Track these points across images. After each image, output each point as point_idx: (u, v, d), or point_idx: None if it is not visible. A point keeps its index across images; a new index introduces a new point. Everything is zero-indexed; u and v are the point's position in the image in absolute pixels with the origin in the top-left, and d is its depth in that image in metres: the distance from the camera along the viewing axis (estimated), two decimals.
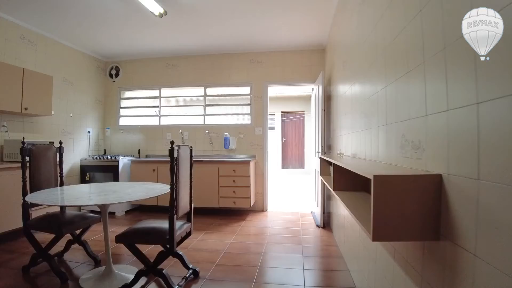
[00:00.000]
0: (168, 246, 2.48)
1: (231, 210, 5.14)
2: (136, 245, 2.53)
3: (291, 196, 7.06)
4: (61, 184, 3.33)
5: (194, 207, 2.97)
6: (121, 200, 2.30)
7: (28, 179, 2.92)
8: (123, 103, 6.35)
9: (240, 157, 5.48)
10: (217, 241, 3.76)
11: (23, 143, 2.92)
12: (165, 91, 6.14)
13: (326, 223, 4.44)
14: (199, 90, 5.96)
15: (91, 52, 5.82)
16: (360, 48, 2.49)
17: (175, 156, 2.43)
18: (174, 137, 5.86)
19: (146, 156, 5.99)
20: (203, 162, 5.07)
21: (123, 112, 6.34)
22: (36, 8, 4.00)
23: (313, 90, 7.36)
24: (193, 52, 5.77)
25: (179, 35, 4.94)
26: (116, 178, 5.29)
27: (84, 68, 5.75)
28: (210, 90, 5.92)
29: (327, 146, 4.44)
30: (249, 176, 4.90)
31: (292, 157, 11.90)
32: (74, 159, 5.47)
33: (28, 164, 2.95)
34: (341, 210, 3.47)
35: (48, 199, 2.37)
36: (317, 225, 4.43)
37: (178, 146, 2.51)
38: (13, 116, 4.27)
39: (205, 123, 5.88)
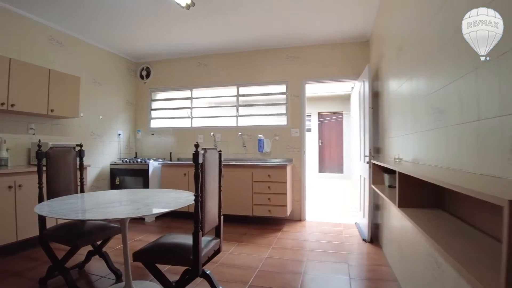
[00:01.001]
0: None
1: (265, 219, 4.71)
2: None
3: (331, 204, 6.51)
4: (82, 191, 3.08)
5: (225, 215, 2.59)
6: (136, 215, 1.95)
7: (45, 184, 2.69)
8: (154, 104, 6.15)
9: (275, 161, 5.05)
10: (250, 256, 3.35)
11: (38, 145, 2.69)
12: (197, 92, 5.86)
13: (374, 236, 3.89)
14: (232, 90, 5.61)
15: (121, 53, 5.67)
16: (426, 30, 1.99)
17: (200, 161, 2.05)
18: (206, 140, 5.56)
19: (178, 160, 5.73)
20: (236, 166, 4.69)
21: (154, 114, 6.15)
22: (65, 8, 3.89)
23: (352, 89, 6.80)
24: (224, 49, 5.45)
25: (209, 31, 4.62)
26: (146, 183, 5.07)
27: (115, 69, 5.61)
28: (243, 90, 5.55)
29: (375, 149, 3.90)
30: (286, 182, 4.45)
31: (330, 161, 11.26)
32: (104, 162, 5.32)
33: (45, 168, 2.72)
34: (393, 222, 2.95)
35: (55, 210, 2.08)
36: (363, 239, 3.90)
37: (204, 149, 2.13)
38: (41, 119, 4.14)
39: (238, 125, 5.51)
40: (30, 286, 2.63)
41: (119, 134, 5.72)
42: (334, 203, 6.56)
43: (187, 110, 5.89)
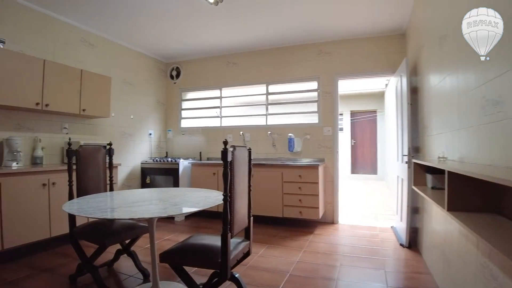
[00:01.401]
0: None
1: (296, 221, 4.55)
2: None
3: (365, 206, 6.22)
4: (111, 189, 3.08)
5: (254, 215, 2.47)
6: (162, 214, 1.88)
7: (74, 182, 2.70)
8: (184, 104, 6.17)
9: (306, 161, 4.87)
10: (280, 259, 3.21)
11: (69, 144, 2.71)
12: (226, 91, 5.80)
13: (412, 241, 3.62)
14: (261, 88, 5.49)
15: (151, 53, 5.73)
16: None
17: (229, 159, 1.94)
18: (235, 139, 5.48)
19: (208, 159, 5.70)
20: (266, 166, 4.57)
21: (184, 113, 6.17)
22: (97, 11, 3.96)
23: (387, 85, 6.50)
24: (252, 47, 5.35)
25: (237, 28, 4.54)
26: (176, 182, 5.07)
27: (145, 70, 5.67)
28: (273, 88, 5.41)
29: (413, 148, 3.64)
30: (318, 183, 4.27)
31: (363, 161, 10.87)
32: (134, 161, 5.38)
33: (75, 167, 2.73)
34: (435, 226, 2.70)
35: (83, 209, 2.05)
36: (400, 244, 3.64)
37: (233, 147, 2.02)
38: (74, 118, 4.24)
39: (268, 124, 5.38)
40: (60, 283, 2.65)
41: (150, 134, 5.77)
42: (368, 205, 6.27)
43: (216, 110, 5.85)
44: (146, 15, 4.08)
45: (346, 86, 8.37)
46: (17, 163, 3.33)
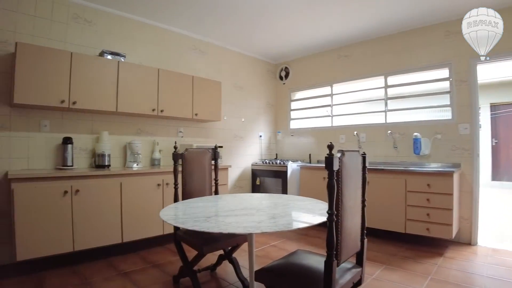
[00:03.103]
0: None
1: (422, 239, 3.78)
2: None
3: None
4: (216, 192, 3.04)
5: (369, 228, 2.04)
6: (255, 230, 1.64)
7: (180, 185, 2.74)
8: (293, 105, 5.98)
9: (437, 166, 4.04)
10: (400, 286, 2.64)
11: (175, 147, 2.77)
12: (337, 87, 5.33)
13: None
14: (378, 81, 4.82)
15: (260, 55, 5.74)
16: None
17: (336, 168, 1.57)
18: (348, 140, 4.99)
19: (318, 162, 5.35)
20: (385, 171, 3.96)
21: (293, 114, 5.98)
22: (206, 18, 4.13)
23: None
24: (366, 35, 4.75)
25: (346, 16, 4.06)
26: (284, 185, 4.93)
27: (254, 73, 5.71)
28: (392, 79, 4.67)
29: None
30: (452, 194, 3.45)
31: (507, 165, 8.80)
32: (245, 163, 5.45)
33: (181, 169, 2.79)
34: None
35: (178, 216, 2.01)
36: None
37: (341, 152, 1.65)
38: (187, 122, 4.50)
39: (387, 122, 4.68)
40: (165, 281, 2.74)
41: (260, 136, 5.78)
42: None
43: (327, 108, 5.44)
44: (256, 17, 4.06)
45: (484, 73, 6.76)
46: (137, 164, 3.65)
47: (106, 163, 3.46)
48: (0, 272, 2.79)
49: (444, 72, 4.17)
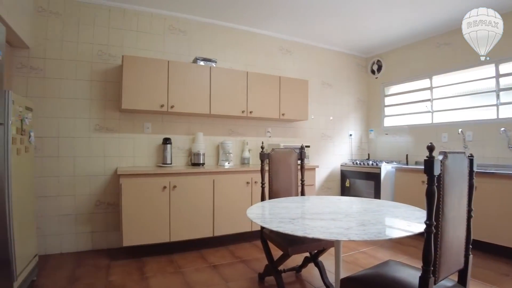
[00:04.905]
0: None
1: None
2: None
3: None
4: (302, 193, 3.01)
5: (475, 240, 1.77)
6: (342, 237, 1.56)
7: (267, 184, 2.79)
8: (387, 100, 5.54)
9: None
10: None
11: (262, 147, 2.83)
12: (438, 80, 4.75)
13: None
14: (486, 71, 4.14)
15: (349, 50, 5.47)
16: None
17: (437, 172, 1.39)
18: (451, 139, 4.43)
19: (416, 163, 4.87)
20: (497, 175, 3.40)
21: (387, 111, 5.55)
22: (292, 18, 4.14)
23: None
24: None
25: None
26: (377, 188, 4.60)
27: (343, 68, 5.48)
28: (505, 67, 3.95)
29: None
30: None
31: None
32: (334, 163, 5.28)
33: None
34: None
35: (264, 214, 2.08)
36: None
37: (444, 154, 1.46)
38: (275, 122, 4.59)
39: (499, 117, 4.00)
40: (250, 278, 2.82)
41: (350, 135, 5.52)
42: None
43: (426, 103, 4.91)
44: (342, 11, 3.90)
45: None
46: (228, 163, 3.86)
47: (201, 162, 3.75)
48: (111, 253, 3.32)
49: None
